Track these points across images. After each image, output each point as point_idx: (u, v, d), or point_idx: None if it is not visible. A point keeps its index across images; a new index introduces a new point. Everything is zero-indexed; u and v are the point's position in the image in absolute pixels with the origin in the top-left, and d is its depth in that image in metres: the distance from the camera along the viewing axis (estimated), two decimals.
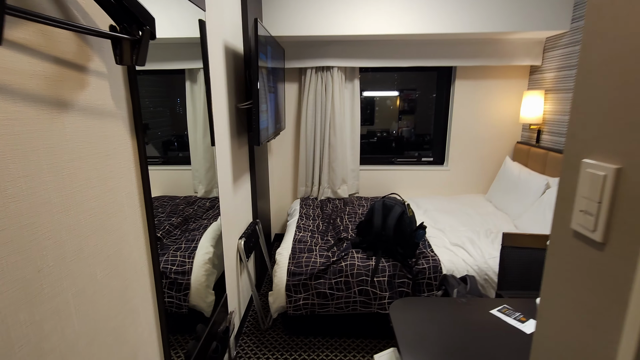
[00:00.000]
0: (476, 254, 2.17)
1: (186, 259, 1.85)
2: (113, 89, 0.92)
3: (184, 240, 1.90)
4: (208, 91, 1.68)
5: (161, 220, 1.86)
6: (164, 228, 1.85)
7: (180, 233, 1.91)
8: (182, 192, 1.77)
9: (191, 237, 1.92)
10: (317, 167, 3.31)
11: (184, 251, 1.85)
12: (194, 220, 1.97)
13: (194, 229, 1.95)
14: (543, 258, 1.52)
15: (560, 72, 2.86)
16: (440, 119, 3.55)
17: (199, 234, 1.95)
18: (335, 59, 3.08)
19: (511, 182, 2.97)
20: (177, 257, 1.82)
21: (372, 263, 2.09)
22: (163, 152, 1.54)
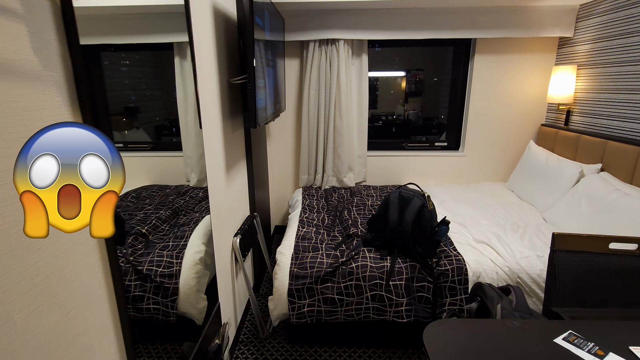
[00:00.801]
0: (505, 252, 1.89)
1: (174, 260, 1.58)
2: (36, 38, 0.62)
3: (172, 237, 1.62)
4: (193, 63, 1.37)
5: (148, 213, 1.60)
6: (151, 223, 1.60)
7: (168, 228, 1.64)
8: (174, 181, 1.54)
9: (180, 234, 1.64)
10: (320, 153, 3.01)
11: (171, 250, 1.58)
12: (185, 212, 1.69)
13: (184, 223, 1.67)
14: (605, 265, 1.24)
15: (596, 43, 2.52)
16: (455, 100, 3.22)
17: (189, 229, 1.67)
18: (341, 31, 2.73)
19: (537, 170, 2.67)
20: (163, 257, 1.55)
21: (387, 264, 1.81)
22: (156, 137, 1.40)
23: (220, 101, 1.67)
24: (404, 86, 5.41)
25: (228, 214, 1.80)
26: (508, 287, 1.27)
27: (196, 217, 1.61)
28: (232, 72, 1.89)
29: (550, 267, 1.27)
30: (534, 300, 1.77)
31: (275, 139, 3.15)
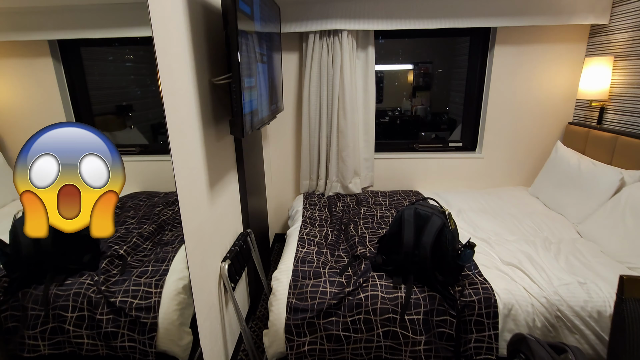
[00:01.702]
0: (540, 278, 1.61)
1: (152, 289, 1.32)
2: None
3: (153, 259, 1.36)
4: (155, 61, 1.10)
5: (130, 228, 1.36)
6: (131, 241, 1.34)
7: (151, 247, 1.38)
8: (165, 187, 1.36)
9: (162, 255, 1.38)
10: (323, 157, 2.72)
11: (150, 276, 1.32)
12: (172, 227, 1.43)
13: (169, 242, 1.41)
14: None
15: (637, 31, 2.20)
16: (472, 96, 2.91)
17: (173, 250, 1.41)
18: (344, 20, 2.43)
19: (567, 175, 2.37)
20: (140, 285, 1.29)
21: (402, 294, 1.54)
22: (152, 136, 1.30)
23: (199, 105, 1.40)
24: (410, 80, 5.09)
25: (213, 237, 1.54)
26: (563, 347, 0.98)
27: (182, 234, 1.36)
28: (216, 70, 1.61)
29: (618, 318, 0.98)
30: (577, 338, 1.49)
31: (273, 142, 2.88)
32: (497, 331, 1.50)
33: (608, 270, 1.66)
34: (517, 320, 1.50)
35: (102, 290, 1.18)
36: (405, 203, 2.55)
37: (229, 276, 1.62)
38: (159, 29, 1.07)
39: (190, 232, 1.30)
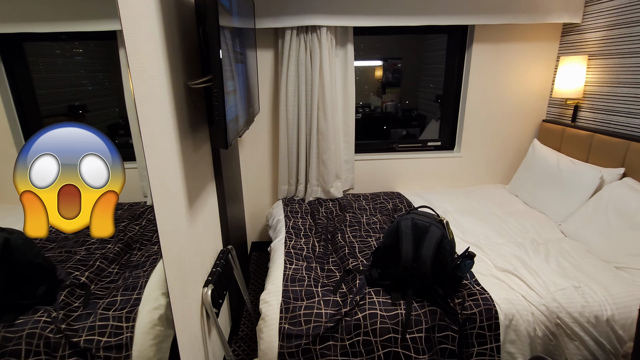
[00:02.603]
0: (537, 284, 1.58)
1: (123, 323, 1.13)
2: None
3: (122, 286, 1.17)
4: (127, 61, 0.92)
5: (91, 249, 1.15)
6: (93, 265, 1.14)
7: (117, 271, 1.19)
8: (129, 197, 1.15)
9: (132, 281, 1.19)
10: (302, 160, 2.58)
11: (119, 308, 1.13)
12: (140, 246, 1.24)
13: (138, 264, 1.21)
14: None
15: (610, 31, 2.24)
16: (450, 94, 2.89)
17: (145, 273, 1.22)
18: (323, 16, 2.29)
19: (546, 173, 2.40)
20: (108, 320, 1.10)
21: (401, 311, 1.45)
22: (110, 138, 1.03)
23: (175, 113, 1.21)
24: (379, 76, 5.05)
25: (193, 261, 1.36)
26: None
27: (154, 254, 1.17)
28: (190, 72, 1.42)
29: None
30: (577, 345, 1.47)
31: (248, 145, 2.69)
32: (499, 343, 1.45)
33: (598, 272, 1.67)
34: (518, 331, 1.46)
35: (62, 329, 0.99)
36: (389, 206, 2.48)
37: (212, 302, 1.45)
38: (129, 25, 0.88)
39: (170, 261, 1.12)
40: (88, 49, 1.10)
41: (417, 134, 4.59)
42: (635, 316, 1.46)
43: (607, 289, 1.54)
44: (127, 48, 0.87)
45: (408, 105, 5.07)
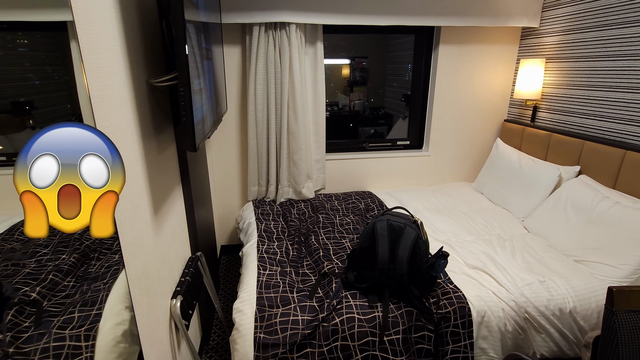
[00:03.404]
0: (506, 280, 1.63)
1: (82, 342, 1.03)
2: None
3: (79, 301, 1.07)
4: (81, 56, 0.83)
5: (42, 261, 1.06)
6: (46, 279, 1.03)
7: (74, 284, 1.08)
8: None
9: (91, 296, 1.08)
10: (273, 160, 2.52)
11: (77, 326, 1.02)
12: (99, 255, 1.13)
13: (97, 275, 1.10)
14: None
15: (565, 35, 2.37)
16: (417, 94, 2.93)
17: (105, 286, 1.12)
18: (292, 13, 2.24)
19: (508, 171, 2.49)
20: (64, 339, 0.99)
21: (379, 314, 1.44)
22: None
23: (136, 114, 1.12)
24: (346, 74, 5.06)
25: (160, 273, 1.27)
26: None
27: (115, 263, 1.07)
28: (153, 69, 1.32)
29: (608, 331, 0.99)
30: (543, 337, 1.54)
31: (216, 145, 2.59)
32: (472, 340, 1.49)
33: (560, 265, 1.75)
34: (490, 327, 1.50)
35: (9, 353, 0.88)
36: (362, 206, 2.48)
37: (181, 314, 1.37)
38: (82, 15, 0.79)
39: (135, 275, 1.03)
40: (34, 40, 0.98)
41: (384, 133, 4.65)
42: (594, 307, 1.55)
43: (568, 282, 1.62)
44: (80, 41, 0.78)
45: (375, 103, 5.13)
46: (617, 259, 1.66)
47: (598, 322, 1.54)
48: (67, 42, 0.88)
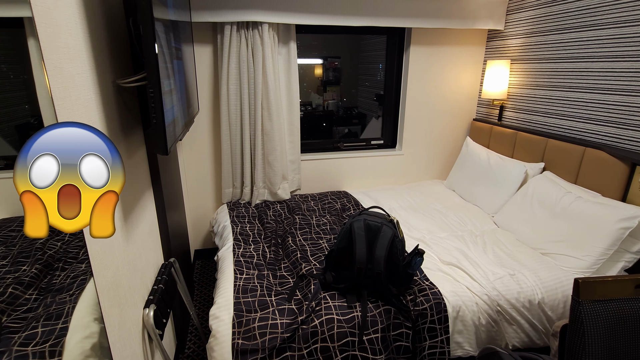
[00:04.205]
0: (479, 275, 1.69)
1: (47, 358, 0.97)
2: None
3: (43, 315, 1.01)
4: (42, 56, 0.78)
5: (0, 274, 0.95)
6: (5, 293, 0.96)
7: (36, 298, 1.01)
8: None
9: (56, 309, 1.02)
10: (247, 162, 2.48)
11: (41, 342, 0.96)
12: (64, 265, 1.07)
13: (62, 287, 1.04)
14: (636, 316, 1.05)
15: (529, 38, 2.47)
16: (390, 94, 2.98)
17: (72, 298, 1.05)
18: (264, 12, 2.21)
19: (478, 169, 2.58)
20: (27, 357, 0.93)
21: (357, 314, 1.45)
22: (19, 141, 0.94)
23: (103, 116, 1.06)
24: (319, 74, 5.07)
25: (132, 282, 1.22)
26: (535, 357, 1.00)
27: (82, 273, 1.02)
28: (120, 69, 1.26)
29: (576, 322, 1.04)
30: (515, 329, 1.60)
31: (188, 147, 2.52)
32: (449, 335, 1.52)
33: (528, 258, 1.83)
34: (465, 321, 1.54)
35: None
36: (338, 205, 2.49)
37: (154, 324, 1.32)
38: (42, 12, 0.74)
39: (104, 286, 0.98)
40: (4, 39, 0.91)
41: (358, 132, 4.70)
42: (560, 298, 1.63)
43: (536, 274, 1.69)
44: (40, 39, 0.73)
45: (348, 103, 5.17)
46: (580, 250, 1.75)
47: (564, 311, 1.62)
48: (25, 40, 0.83)
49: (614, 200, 1.80)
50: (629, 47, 1.85)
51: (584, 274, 1.71)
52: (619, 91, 1.91)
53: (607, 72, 1.96)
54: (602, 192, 1.90)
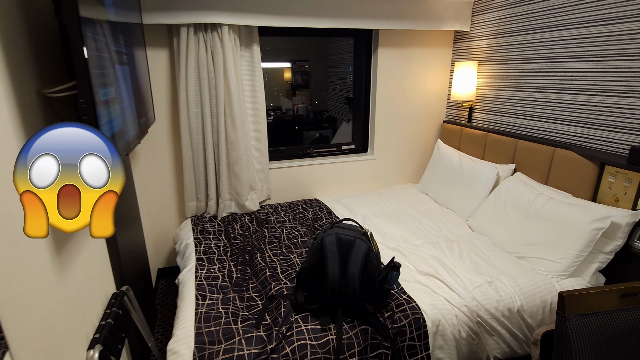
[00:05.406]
0: (457, 285, 1.62)
1: None
2: None
3: None
4: None
5: None
6: None
7: None
8: None
9: None
10: (211, 173, 2.32)
11: None
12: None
13: None
14: (621, 328, 0.99)
15: (494, 39, 2.47)
16: (360, 97, 2.91)
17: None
18: (224, 13, 2.07)
19: (451, 171, 2.55)
20: None
21: (332, 336, 1.34)
22: None
23: (23, 131, 0.90)
24: (288, 77, 4.96)
25: (70, 322, 1.05)
26: None
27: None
28: (49, 77, 1.09)
29: (562, 338, 0.97)
30: (495, 339, 1.54)
31: (145, 160, 2.33)
32: (429, 351, 1.44)
33: (504, 264, 1.78)
34: (445, 335, 1.47)
35: None
36: (309, 215, 2.38)
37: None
38: None
39: (24, 341, 0.81)
40: None
41: (329, 136, 4.61)
42: (539, 304, 1.59)
43: (514, 280, 1.65)
44: None
45: (319, 107, 5.08)
46: (555, 253, 1.72)
47: (544, 317, 1.58)
48: None
49: (586, 201, 1.79)
50: (593, 47, 1.85)
51: (560, 276, 1.68)
52: (585, 91, 1.91)
53: (573, 72, 1.96)
54: (573, 192, 1.90)
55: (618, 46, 1.74)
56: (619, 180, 1.72)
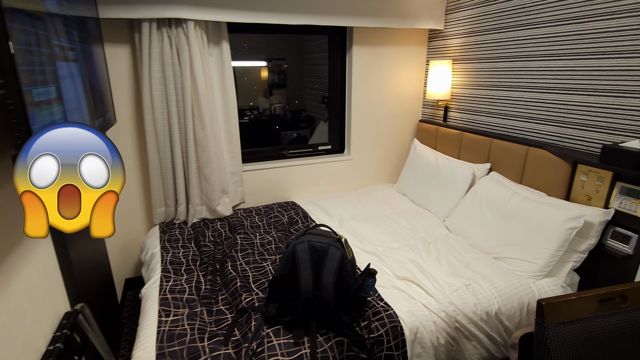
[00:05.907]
0: (434, 289, 1.58)
1: None
2: None
3: None
4: None
5: None
6: None
7: None
8: None
9: None
10: (180, 177, 2.20)
11: None
12: None
13: None
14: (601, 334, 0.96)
15: (468, 37, 2.46)
16: (335, 96, 2.84)
17: None
18: (187, 8, 1.95)
19: (427, 171, 2.52)
20: None
21: (307, 351, 1.26)
22: None
23: None
24: (265, 77, 4.85)
25: (5, 352, 0.93)
26: None
27: None
28: None
29: (541, 348, 0.93)
30: (474, 344, 1.51)
31: None
32: None
33: (481, 265, 1.76)
34: (423, 343, 1.42)
35: None
36: (285, 219, 2.29)
37: None
38: None
39: None
40: None
41: (307, 136, 4.53)
42: (516, 306, 1.57)
43: (491, 282, 1.62)
44: None
45: (296, 106, 4.99)
46: (531, 253, 1.71)
47: (521, 319, 1.56)
48: None
49: (560, 200, 1.79)
50: (564, 45, 1.85)
51: (536, 277, 1.67)
52: (557, 90, 1.91)
53: (545, 70, 1.96)
54: (547, 190, 1.90)
55: (589, 45, 1.75)
56: (591, 179, 1.72)
